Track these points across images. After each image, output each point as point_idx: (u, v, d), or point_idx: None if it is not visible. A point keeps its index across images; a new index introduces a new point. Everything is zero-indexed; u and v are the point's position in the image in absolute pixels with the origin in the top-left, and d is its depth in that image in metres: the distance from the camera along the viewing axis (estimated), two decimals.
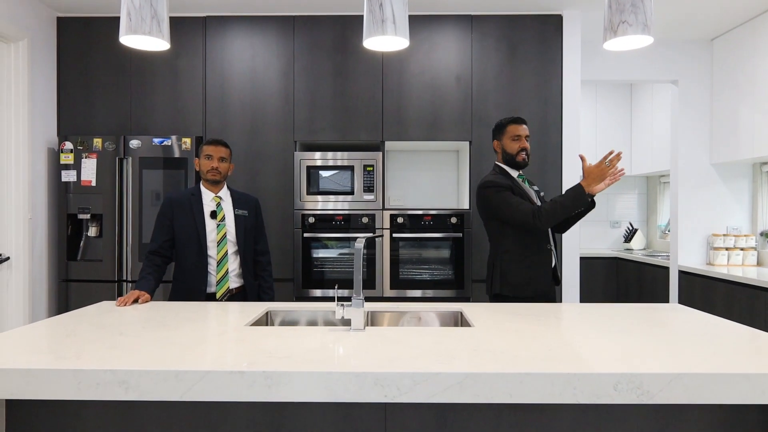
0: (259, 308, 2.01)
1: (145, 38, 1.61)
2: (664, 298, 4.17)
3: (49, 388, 1.22)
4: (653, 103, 4.87)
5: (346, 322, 1.76)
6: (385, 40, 1.64)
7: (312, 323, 2.05)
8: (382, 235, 3.29)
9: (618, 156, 2.11)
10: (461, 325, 1.99)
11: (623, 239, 5.43)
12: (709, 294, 3.54)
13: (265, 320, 2.01)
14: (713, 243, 3.86)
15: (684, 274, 3.87)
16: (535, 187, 2.48)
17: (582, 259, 4.94)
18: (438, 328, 1.63)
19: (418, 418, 1.40)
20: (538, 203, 2.41)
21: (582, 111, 5.31)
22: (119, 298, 2.08)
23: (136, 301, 2.10)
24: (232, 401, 1.38)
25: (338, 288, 3.29)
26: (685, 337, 1.55)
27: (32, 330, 1.62)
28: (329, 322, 2.02)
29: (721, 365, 1.24)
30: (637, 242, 5.27)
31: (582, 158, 2.23)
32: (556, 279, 2.49)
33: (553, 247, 2.44)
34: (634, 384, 1.19)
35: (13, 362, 1.27)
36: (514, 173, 2.43)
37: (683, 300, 3.87)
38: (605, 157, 2.13)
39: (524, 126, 2.41)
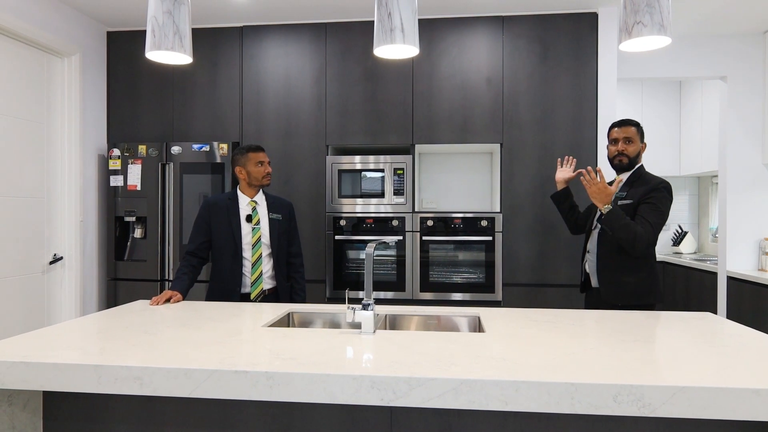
0: (280, 309, 2.08)
1: (168, 53, 1.70)
2: (712, 306, 3.97)
3: (74, 382, 1.32)
4: (703, 100, 4.65)
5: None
6: (394, 49, 1.67)
7: (331, 325, 2.10)
8: (395, 241, 3.31)
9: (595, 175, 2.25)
10: (478, 331, 1.98)
11: (672, 242, 5.20)
12: (760, 302, 3.35)
13: (287, 321, 2.07)
14: (765, 248, 3.64)
15: (733, 281, 3.67)
16: (619, 193, 2.32)
17: None
18: (446, 333, 1.64)
19: (423, 422, 1.42)
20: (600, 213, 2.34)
21: (626, 110, 5.13)
22: (153, 298, 2.20)
23: (168, 300, 2.22)
24: (244, 400, 1.45)
25: (365, 290, 3.33)
26: (703, 348, 1.49)
27: (68, 326, 1.75)
28: (350, 324, 2.05)
29: (731, 379, 1.19)
30: (687, 246, 5.04)
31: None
32: (584, 286, 2.46)
33: (588, 253, 2.42)
34: (634, 396, 1.16)
35: (45, 357, 1.38)
36: (615, 177, 2.44)
37: (732, 308, 3.67)
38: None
39: (627, 128, 2.34)
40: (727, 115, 3.79)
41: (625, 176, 2.39)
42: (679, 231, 5.12)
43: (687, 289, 4.38)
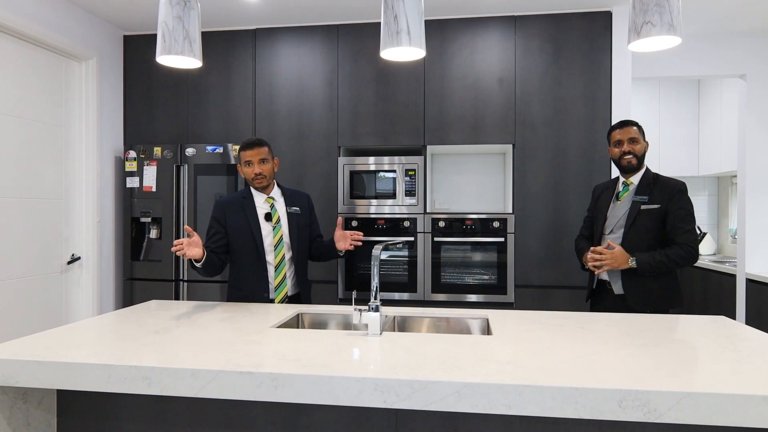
0: (290, 310, 2.10)
1: (178, 58, 1.73)
2: (731, 309, 3.89)
3: (84, 381, 1.35)
4: (722, 98, 4.56)
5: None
6: (400, 51, 1.67)
7: (341, 326, 2.10)
8: (404, 242, 3.31)
9: (600, 251, 2.29)
10: (486, 333, 1.97)
11: None
12: None
13: (296, 322, 2.09)
14: None
15: (752, 283, 3.60)
16: (639, 198, 2.30)
17: None
18: (453, 336, 1.64)
19: (429, 424, 1.42)
20: (623, 219, 2.32)
21: (642, 110, 5.05)
22: (176, 242, 2.00)
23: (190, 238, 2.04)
24: (250, 400, 1.46)
25: (381, 291, 3.33)
26: (714, 353, 1.46)
27: (81, 326, 1.79)
28: (358, 326, 2.06)
29: (741, 385, 1.17)
30: (706, 247, 4.95)
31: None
32: (594, 292, 2.43)
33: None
34: (640, 401, 1.15)
35: (57, 356, 1.41)
36: (622, 180, 2.41)
37: (751, 311, 3.60)
38: (604, 247, 2.30)
39: (629, 128, 2.34)
40: (747, 114, 3.71)
41: (636, 179, 2.36)
42: (698, 232, 5.03)
43: (705, 292, 4.30)
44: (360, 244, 2.40)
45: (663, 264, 2.20)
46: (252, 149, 2.29)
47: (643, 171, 2.36)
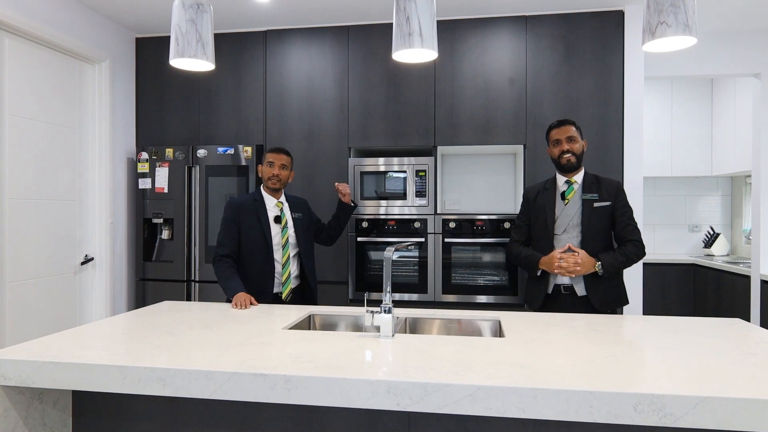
0: (302, 311, 2.10)
1: (192, 60, 1.74)
2: (745, 311, 3.85)
3: (100, 382, 1.36)
4: (736, 97, 4.51)
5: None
6: (412, 53, 1.67)
7: (352, 328, 2.11)
8: (415, 244, 3.31)
9: (572, 255, 2.20)
10: (498, 335, 1.96)
11: (703, 244, 5.06)
12: None
13: (308, 324, 2.09)
14: None
15: (767, 284, 3.55)
16: (589, 196, 2.29)
17: (653, 265, 4.65)
18: (465, 338, 1.63)
19: (441, 427, 1.41)
20: (577, 219, 2.28)
21: (655, 109, 5.01)
22: (234, 303, 2.18)
23: (251, 303, 2.22)
24: (263, 402, 1.47)
25: (392, 292, 3.33)
26: (730, 356, 1.45)
27: (96, 327, 1.80)
28: (370, 327, 2.06)
29: (758, 390, 1.16)
30: (719, 248, 4.89)
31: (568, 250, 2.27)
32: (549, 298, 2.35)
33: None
34: (655, 405, 1.14)
35: (73, 357, 1.42)
36: (562, 179, 2.38)
37: (766, 313, 3.55)
38: (563, 250, 2.24)
39: (567, 127, 2.32)
40: (761, 113, 3.67)
41: (579, 178, 2.35)
42: (711, 232, 4.97)
43: (719, 293, 4.26)
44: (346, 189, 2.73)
45: (624, 264, 2.24)
46: (277, 153, 2.55)
47: (583, 170, 2.37)
